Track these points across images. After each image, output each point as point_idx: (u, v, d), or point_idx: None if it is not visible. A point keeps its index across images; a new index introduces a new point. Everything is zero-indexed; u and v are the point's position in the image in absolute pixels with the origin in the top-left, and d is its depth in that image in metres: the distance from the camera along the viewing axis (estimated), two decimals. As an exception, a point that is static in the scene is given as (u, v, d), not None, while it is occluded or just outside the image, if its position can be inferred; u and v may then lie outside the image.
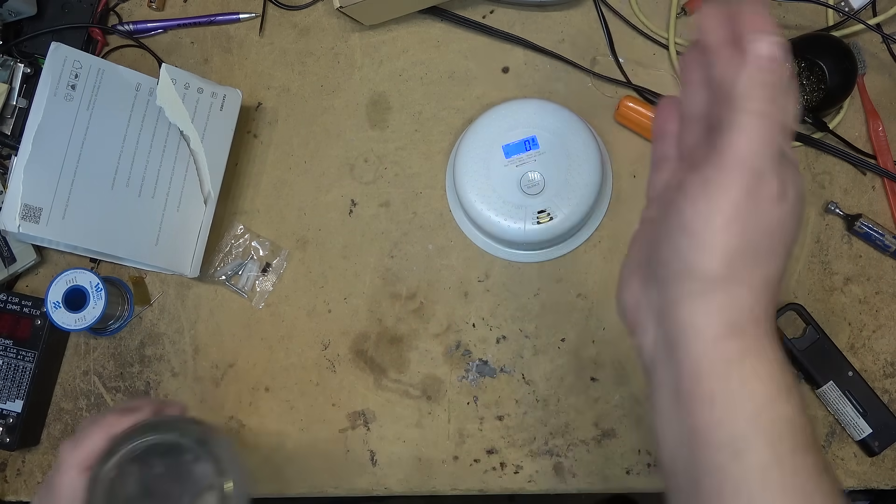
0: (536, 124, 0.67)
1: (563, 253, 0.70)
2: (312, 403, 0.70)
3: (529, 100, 0.68)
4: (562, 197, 0.65)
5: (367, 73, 0.75)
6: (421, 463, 0.69)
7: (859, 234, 0.68)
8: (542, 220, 0.65)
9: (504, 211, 0.65)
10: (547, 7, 0.74)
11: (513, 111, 0.67)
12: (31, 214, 0.63)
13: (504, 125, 0.67)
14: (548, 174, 0.66)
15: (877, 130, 0.70)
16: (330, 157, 0.74)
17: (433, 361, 0.70)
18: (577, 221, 0.66)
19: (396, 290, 0.71)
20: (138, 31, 0.77)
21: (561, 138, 0.66)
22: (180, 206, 0.70)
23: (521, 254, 0.70)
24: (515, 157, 0.66)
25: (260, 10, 0.76)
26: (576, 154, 0.66)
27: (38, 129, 0.63)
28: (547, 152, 0.66)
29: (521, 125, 0.67)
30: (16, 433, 0.69)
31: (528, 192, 0.65)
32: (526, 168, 0.66)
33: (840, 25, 0.72)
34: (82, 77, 0.66)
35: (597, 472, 0.68)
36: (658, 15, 0.74)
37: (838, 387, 0.65)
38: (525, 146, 0.66)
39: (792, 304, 0.67)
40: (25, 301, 0.71)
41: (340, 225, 0.73)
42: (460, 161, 0.67)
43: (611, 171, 0.70)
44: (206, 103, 0.70)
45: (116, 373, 0.72)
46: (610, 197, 0.70)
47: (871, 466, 0.67)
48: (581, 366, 0.69)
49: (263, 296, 0.72)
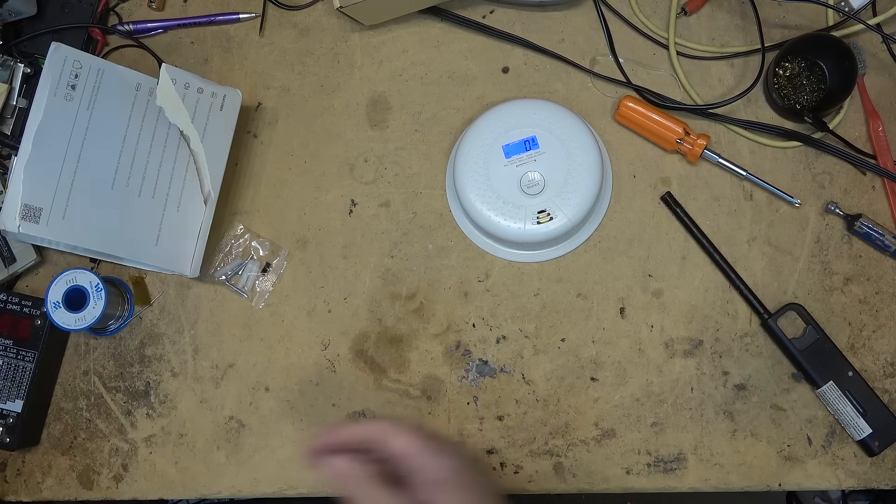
0: (536, 124, 0.67)
1: (563, 253, 0.70)
2: (312, 403, 0.70)
3: (529, 100, 0.68)
4: (562, 197, 0.65)
5: (367, 73, 0.75)
6: (421, 463, 0.69)
7: (859, 234, 0.68)
8: (542, 221, 0.65)
9: (504, 211, 0.65)
10: (547, 7, 0.74)
11: (513, 111, 0.67)
12: (31, 214, 0.63)
13: (504, 125, 0.67)
14: (548, 174, 0.66)
15: (877, 130, 0.70)
16: (330, 157, 0.74)
17: (433, 361, 0.70)
18: (577, 222, 0.66)
19: (396, 290, 0.71)
20: (138, 31, 0.77)
21: (561, 138, 0.66)
22: (180, 206, 0.70)
23: (522, 254, 0.70)
24: (515, 157, 0.66)
25: (260, 10, 0.76)
26: (576, 154, 0.66)
27: (38, 129, 0.63)
28: (547, 152, 0.66)
29: (521, 125, 0.67)
30: (16, 433, 0.69)
31: (528, 192, 0.65)
32: (526, 168, 0.66)
33: (840, 25, 0.72)
34: (82, 77, 0.66)
35: (597, 472, 0.68)
36: (658, 15, 0.74)
37: (838, 387, 0.65)
38: (525, 146, 0.66)
39: (792, 304, 0.67)
40: (25, 301, 0.71)
41: (340, 225, 0.73)
42: (460, 161, 0.67)
43: (611, 172, 0.70)
44: (206, 103, 0.70)
45: (116, 373, 0.72)
46: (610, 197, 0.70)
47: (871, 466, 0.67)
48: (581, 366, 0.69)
49: (263, 296, 0.72)
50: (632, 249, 0.70)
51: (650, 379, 0.68)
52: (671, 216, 0.70)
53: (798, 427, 0.67)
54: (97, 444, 0.71)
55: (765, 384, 0.68)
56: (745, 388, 0.68)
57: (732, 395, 0.68)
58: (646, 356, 0.69)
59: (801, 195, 0.70)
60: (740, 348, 0.68)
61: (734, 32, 0.73)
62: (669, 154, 0.72)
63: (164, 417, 0.71)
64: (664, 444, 0.68)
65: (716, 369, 0.68)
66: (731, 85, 0.72)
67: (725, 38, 0.73)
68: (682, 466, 0.67)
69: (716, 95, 0.72)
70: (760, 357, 0.68)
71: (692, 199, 0.71)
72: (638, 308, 0.69)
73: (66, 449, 0.72)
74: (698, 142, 0.69)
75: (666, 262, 0.70)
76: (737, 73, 0.73)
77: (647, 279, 0.70)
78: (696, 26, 0.73)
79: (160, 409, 0.71)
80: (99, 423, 0.72)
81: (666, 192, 0.70)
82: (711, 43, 0.73)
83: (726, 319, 0.69)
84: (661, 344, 0.69)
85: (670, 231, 0.70)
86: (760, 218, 0.70)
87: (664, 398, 0.68)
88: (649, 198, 0.71)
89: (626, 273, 0.70)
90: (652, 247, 0.70)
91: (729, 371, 0.68)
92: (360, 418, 0.70)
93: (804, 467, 0.67)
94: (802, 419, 0.67)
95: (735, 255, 0.69)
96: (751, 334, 0.69)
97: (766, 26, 0.72)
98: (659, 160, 0.72)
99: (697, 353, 0.69)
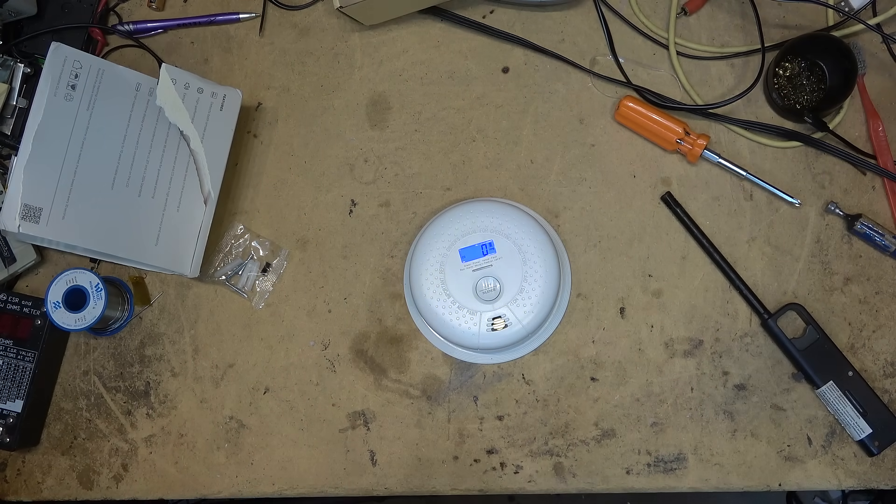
0: (494, 228, 0.65)
1: (519, 356, 0.69)
2: (312, 403, 0.70)
3: (489, 202, 0.68)
4: (518, 304, 0.64)
5: (367, 73, 0.75)
6: (421, 463, 0.69)
7: (859, 234, 0.68)
8: (496, 327, 0.64)
9: (459, 316, 0.64)
10: (547, 7, 0.74)
11: (471, 213, 0.66)
12: (31, 214, 0.63)
13: (462, 228, 0.66)
14: (504, 280, 0.64)
15: (877, 130, 0.70)
16: (330, 157, 0.74)
17: (433, 361, 0.70)
18: (532, 329, 0.65)
19: (396, 290, 0.71)
20: (138, 31, 0.77)
21: (518, 244, 0.65)
22: (180, 206, 0.70)
23: (475, 355, 0.69)
24: (472, 261, 0.65)
25: (260, 10, 0.76)
26: (532, 260, 0.65)
27: (38, 129, 0.63)
28: (504, 257, 0.65)
29: (479, 229, 0.66)
30: (16, 433, 0.69)
31: (483, 297, 0.64)
32: (482, 273, 0.65)
33: (840, 25, 0.72)
34: (82, 77, 0.66)
35: (597, 472, 0.68)
36: (658, 15, 0.74)
37: (838, 387, 0.65)
38: (482, 251, 0.65)
39: (792, 304, 0.67)
40: (25, 301, 0.71)
41: (340, 225, 0.73)
42: (416, 263, 0.66)
43: (569, 278, 0.70)
44: (206, 103, 0.70)
45: (116, 373, 0.72)
46: (567, 303, 0.69)
47: (871, 466, 0.67)
48: (581, 366, 0.69)
49: (263, 296, 0.72)
50: (632, 249, 0.70)
51: (650, 379, 0.68)
52: (671, 216, 0.71)
53: (798, 427, 0.67)
54: (97, 444, 0.71)
55: (765, 384, 0.68)
56: (745, 388, 0.68)
57: (732, 395, 0.68)
58: (646, 356, 0.69)
59: (801, 195, 0.70)
60: (740, 348, 0.68)
61: (734, 32, 0.73)
62: (669, 154, 0.72)
63: (164, 417, 0.71)
64: (664, 444, 0.68)
65: (716, 369, 0.68)
66: (731, 85, 0.73)
67: (725, 38, 0.73)
68: (682, 466, 0.67)
69: (716, 95, 0.72)
70: (760, 357, 0.68)
71: (692, 199, 0.71)
72: (638, 308, 0.69)
73: (66, 449, 0.72)
74: (698, 142, 0.69)
75: (666, 262, 0.70)
76: (737, 73, 0.73)
77: (647, 279, 0.70)
78: (696, 26, 0.73)
79: (160, 409, 0.71)
80: (99, 423, 0.72)
81: (666, 192, 0.70)
82: (711, 43, 0.73)
83: (726, 319, 0.69)
84: (661, 344, 0.69)
85: (670, 231, 0.70)
86: (760, 218, 0.70)
87: (664, 398, 0.68)
88: (649, 198, 0.71)
89: (626, 273, 0.70)
90: (652, 247, 0.70)
91: (729, 371, 0.68)
92: (360, 418, 0.70)
93: (804, 467, 0.67)
94: (802, 419, 0.67)
95: (735, 255, 0.69)
96: (751, 334, 0.69)
97: (766, 26, 0.72)
98: (659, 160, 0.72)
99: (697, 353, 0.69)
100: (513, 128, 0.73)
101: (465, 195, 0.72)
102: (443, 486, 0.69)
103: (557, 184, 0.72)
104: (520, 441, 0.68)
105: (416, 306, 0.67)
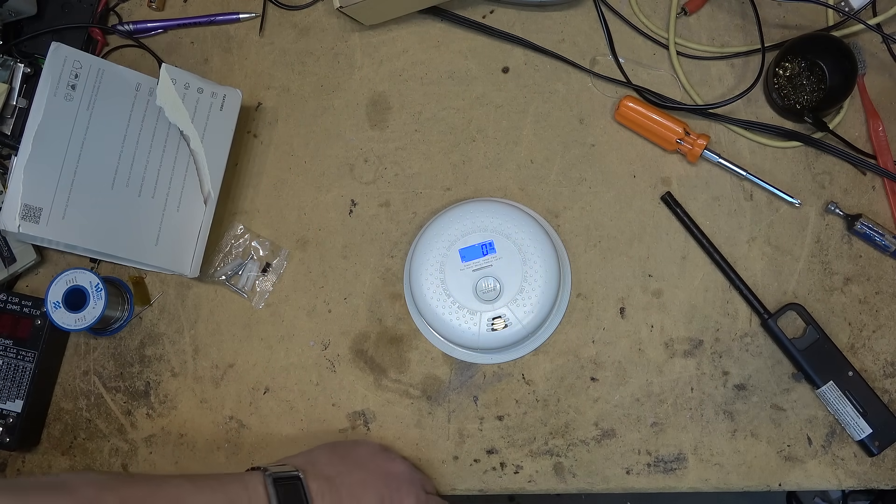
0: (494, 228, 0.65)
1: (519, 356, 0.69)
2: (312, 403, 0.70)
3: (489, 202, 0.67)
4: (518, 304, 0.64)
5: (367, 73, 0.75)
6: (421, 463, 0.69)
7: (859, 234, 0.68)
8: (496, 327, 0.64)
9: (459, 316, 0.65)
10: (547, 7, 0.74)
11: (471, 213, 0.66)
12: (31, 214, 0.63)
13: (462, 228, 0.66)
14: (504, 280, 0.64)
15: (877, 130, 0.70)
16: (330, 157, 0.74)
17: (433, 361, 0.70)
18: (532, 329, 0.65)
19: (396, 290, 0.71)
20: (138, 31, 0.77)
21: (518, 244, 0.65)
22: (180, 206, 0.70)
23: (475, 355, 0.69)
24: (472, 261, 0.65)
25: (260, 10, 0.76)
26: (532, 260, 0.65)
27: (38, 129, 0.63)
28: (504, 257, 0.65)
29: (479, 229, 0.65)
30: (16, 433, 0.69)
31: (483, 297, 0.65)
32: (482, 273, 0.65)
33: (840, 25, 0.72)
34: (82, 77, 0.66)
35: (597, 472, 0.68)
36: (658, 15, 0.74)
37: (838, 387, 0.65)
38: (482, 251, 0.65)
39: (792, 304, 0.67)
40: (25, 301, 0.71)
41: (340, 225, 0.73)
42: (416, 263, 0.66)
43: (569, 278, 0.70)
44: (206, 103, 0.70)
45: (116, 373, 0.72)
46: (567, 303, 0.69)
47: (871, 466, 0.67)
48: (581, 366, 0.69)
49: (263, 296, 0.72)
50: (632, 249, 0.70)
51: (650, 379, 0.68)
52: (671, 216, 0.70)
53: (798, 427, 0.67)
54: (97, 444, 0.71)
55: (765, 384, 0.68)
56: (745, 388, 0.68)
57: (732, 395, 0.68)
58: (646, 356, 0.69)
59: (801, 195, 0.70)
60: (740, 348, 0.68)
61: (734, 32, 0.73)
62: (669, 154, 0.72)
63: (164, 417, 0.71)
64: (664, 444, 0.68)
65: (716, 369, 0.68)
66: (731, 85, 0.73)
67: (725, 38, 0.73)
68: (682, 466, 0.67)
69: (716, 95, 0.72)
70: (760, 357, 0.68)
71: (692, 199, 0.71)
72: (638, 308, 0.69)
73: (66, 449, 0.72)
74: (698, 142, 0.69)
75: (666, 262, 0.70)
76: (737, 73, 0.73)
77: (647, 279, 0.70)
78: (696, 26, 0.73)
79: (160, 409, 0.71)
80: (99, 423, 0.72)
81: (666, 192, 0.70)
82: (711, 43, 0.73)
83: (726, 319, 0.69)
84: (661, 344, 0.69)
85: (670, 231, 0.70)
86: (760, 218, 0.70)
87: (664, 398, 0.68)
88: (649, 198, 0.71)
89: (626, 273, 0.70)
90: (652, 247, 0.70)
91: (729, 371, 0.68)
92: (360, 418, 0.70)
93: (804, 467, 0.67)
94: (802, 419, 0.67)
95: (735, 255, 0.69)
96: (751, 334, 0.69)
97: (766, 26, 0.72)
98: (659, 160, 0.72)
99: (697, 353, 0.69)
100: (513, 128, 0.73)
101: (465, 195, 0.72)
102: (443, 486, 0.68)
103: (557, 184, 0.72)
104: (520, 441, 0.68)
105: (416, 306, 0.67)
